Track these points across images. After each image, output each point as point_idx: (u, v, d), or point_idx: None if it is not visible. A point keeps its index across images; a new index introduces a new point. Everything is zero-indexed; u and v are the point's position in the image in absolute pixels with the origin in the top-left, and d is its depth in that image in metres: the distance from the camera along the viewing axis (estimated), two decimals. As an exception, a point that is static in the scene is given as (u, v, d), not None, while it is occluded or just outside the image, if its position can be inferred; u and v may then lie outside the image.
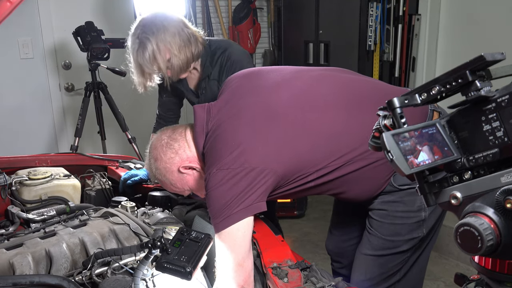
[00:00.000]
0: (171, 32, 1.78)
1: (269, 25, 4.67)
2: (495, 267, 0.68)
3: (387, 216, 1.43)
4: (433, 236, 1.52)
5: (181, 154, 1.45)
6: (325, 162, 1.33)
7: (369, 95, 1.43)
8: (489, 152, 0.64)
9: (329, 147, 1.34)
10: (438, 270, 2.89)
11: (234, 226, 1.25)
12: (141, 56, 1.78)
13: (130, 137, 3.26)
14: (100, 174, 2.13)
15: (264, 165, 1.27)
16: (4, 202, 1.69)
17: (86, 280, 1.25)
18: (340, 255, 1.77)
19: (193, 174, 1.47)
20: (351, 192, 1.43)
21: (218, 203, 1.27)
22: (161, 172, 1.48)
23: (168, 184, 1.51)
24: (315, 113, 1.36)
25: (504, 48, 0.77)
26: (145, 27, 1.79)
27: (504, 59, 0.65)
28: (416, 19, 3.66)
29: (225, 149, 1.30)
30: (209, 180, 1.29)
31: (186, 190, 1.53)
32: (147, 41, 1.76)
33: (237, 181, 1.25)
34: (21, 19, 3.40)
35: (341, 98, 1.40)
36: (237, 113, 1.37)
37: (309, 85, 1.44)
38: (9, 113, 3.51)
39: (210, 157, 1.35)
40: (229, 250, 1.26)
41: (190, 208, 1.71)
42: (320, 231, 3.44)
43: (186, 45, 1.81)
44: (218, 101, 1.46)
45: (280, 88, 1.41)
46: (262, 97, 1.40)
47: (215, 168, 1.29)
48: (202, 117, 1.41)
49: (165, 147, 1.47)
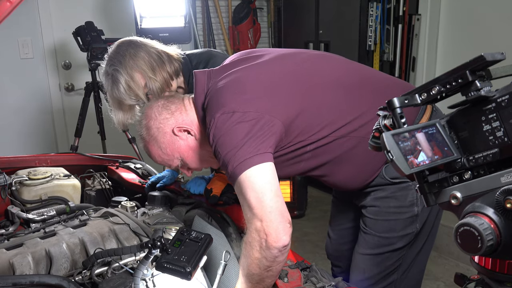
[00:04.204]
0: (139, 56, 1.67)
1: (269, 25, 4.67)
2: (495, 267, 0.68)
3: (380, 212, 1.43)
4: (431, 236, 1.52)
5: (177, 116, 1.38)
6: (326, 129, 1.31)
7: (369, 79, 1.45)
8: (489, 152, 0.64)
9: (331, 114, 1.32)
10: (438, 270, 2.89)
11: (255, 168, 1.15)
12: (116, 90, 1.67)
13: (130, 137, 3.26)
14: (100, 174, 2.13)
15: (271, 115, 1.21)
16: (4, 202, 1.69)
17: (86, 280, 1.25)
18: (339, 258, 1.77)
19: (187, 139, 1.39)
20: (341, 174, 1.41)
21: (232, 145, 1.17)
22: (152, 132, 1.39)
23: (156, 149, 1.41)
24: (320, 78, 1.36)
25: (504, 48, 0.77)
26: (111, 60, 1.69)
27: (504, 59, 0.65)
28: (416, 19, 3.66)
29: (230, 95, 1.24)
30: (215, 126, 1.21)
31: (175, 159, 1.42)
32: (117, 73, 1.66)
33: (247, 124, 1.18)
34: (21, 19, 3.40)
35: (343, 74, 1.41)
36: (241, 72, 1.33)
37: (314, 56, 1.45)
38: (9, 113, 3.51)
39: (212, 107, 1.26)
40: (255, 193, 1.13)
41: (190, 208, 1.71)
42: (320, 231, 3.44)
43: (159, 65, 1.70)
44: (219, 67, 1.42)
45: (284, 57, 1.42)
46: (267, 63, 1.37)
47: (220, 113, 1.21)
48: (202, 79, 1.37)
49: (161, 107, 1.40)
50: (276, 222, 1.12)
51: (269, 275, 1.18)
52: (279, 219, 1.13)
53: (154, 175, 2.03)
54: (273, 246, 1.12)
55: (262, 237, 1.13)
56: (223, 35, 4.39)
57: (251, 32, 4.39)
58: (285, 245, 1.13)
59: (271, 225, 1.12)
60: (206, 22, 4.28)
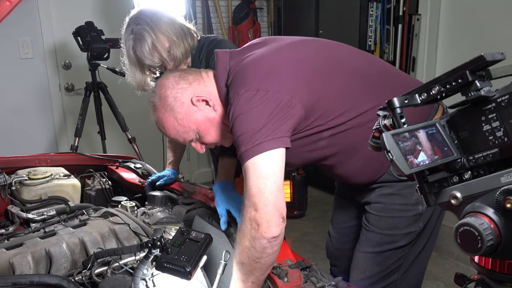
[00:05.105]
0: (165, 22, 1.70)
1: (269, 25, 4.67)
2: (495, 267, 0.68)
3: (385, 209, 1.43)
4: (432, 237, 1.52)
5: (195, 86, 1.36)
6: (344, 115, 1.30)
7: (388, 72, 1.47)
8: (489, 152, 0.64)
9: (350, 101, 1.32)
10: (438, 270, 2.89)
11: (265, 155, 1.16)
12: (139, 48, 1.67)
13: (130, 137, 3.26)
14: (100, 174, 2.13)
15: (293, 97, 1.21)
16: (4, 202, 1.69)
17: (86, 280, 1.24)
18: (339, 258, 1.76)
19: (205, 110, 1.36)
20: (350, 165, 1.40)
21: (249, 127, 1.18)
22: (169, 102, 1.35)
23: (171, 121, 1.37)
24: (340, 65, 1.37)
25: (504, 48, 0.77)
26: (138, 19, 1.70)
27: (504, 59, 0.65)
28: (416, 19, 3.66)
29: (255, 73, 1.25)
30: (238, 102, 1.21)
31: (190, 131, 1.38)
32: (143, 31, 1.66)
33: (268, 105, 1.18)
34: (21, 19, 3.40)
35: (363, 64, 1.42)
36: (266, 52, 1.33)
37: (334, 44, 1.47)
38: (9, 113, 3.51)
39: (236, 83, 1.26)
40: (258, 182, 1.15)
41: (190, 208, 1.71)
42: (320, 231, 3.44)
43: (182, 36, 1.73)
44: (240, 48, 1.42)
45: (305, 42, 1.43)
46: (289, 46, 1.38)
47: (244, 89, 1.21)
48: (224, 57, 1.37)
49: (178, 77, 1.37)
50: (269, 215, 1.15)
51: (258, 267, 1.19)
52: (273, 212, 1.15)
53: (154, 174, 2.03)
54: (262, 236, 1.15)
55: (253, 226, 1.16)
56: (223, 35, 4.39)
57: (251, 32, 4.39)
58: (274, 236, 1.15)
59: (264, 217, 1.15)
60: (206, 22, 4.28)
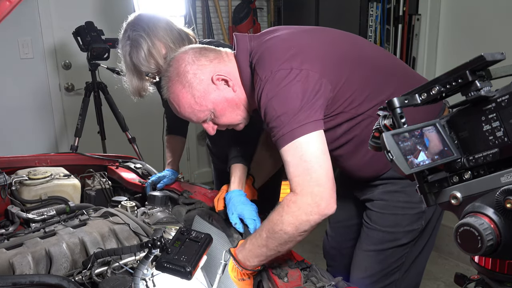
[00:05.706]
0: (162, 28, 1.70)
1: (269, 25, 4.67)
2: (495, 267, 0.68)
3: (388, 206, 1.42)
4: (432, 237, 1.52)
5: (216, 64, 1.32)
6: (365, 104, 1.29)
7: (400, 66, 1.46)
8: (489, 152, 0.64)
9: (368, 89, 1.30)
10: (438, 270, 2.89)
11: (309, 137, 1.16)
12: (136, 55, 1.67)
13: (130, 137, 3.26)
14: (100, 174, 2.13)
15: (324, 76, 1.21)
16: (4, 202, 1.69)
17: (86, 280, 1.24)
18: (335, 257, 1.75)
19: (224, 90, 1.33)
20: (358, 157, 1.39)
21: (288, 106, 1.16)
22: (189, 78, 1.30)
23: (188, 98, 1.31)
24: (358, 53, 1.37)
25: (504, 48, 0.77)
26: (135, 25, 1.70)
27: (504, 59, 0.65)
28: (416, 19, 3.66)
29: (285, 52, 1.23)
30: (271, 81, 1.19)
31: (206, 111, 1.33)
32: (140, 38, 1.66)
33: (302, 85, 1.17)
34: (21, 19, 3.40)
35: (379, 54, 1.43)
36: (290, 32, 1.33)
37: (353, 36, 1.45)
38: (9, 113, 3.51)
39: (265, 62, 1.24)
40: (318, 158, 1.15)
41: (190, 208, 1.71)
42: (320, 231, 3.39)
43: (180, 41, 1.73)
44: (259, 33, 1.40)
45: (323, 29, 1.43)
46: (310, 31, 1.38)
47: (277, 68, 1.19)
48: (244, 39, 1.35)
49: (199, 53, 1.33)
50: (332, 191, 1.17)
51: (297, 240, 1.21)
52: (334, 188, 1.17)
53: (154, 175, 2.03)
54: (324, 212, 1.15)
55: (316, 201, 1.15)
56: (223, 35, 4.38)
57: (251, 32, 4.38)
58: (332, 213, 1.17)
59: (327, 192, 1.15)
60: (206, 22, 4.28)
